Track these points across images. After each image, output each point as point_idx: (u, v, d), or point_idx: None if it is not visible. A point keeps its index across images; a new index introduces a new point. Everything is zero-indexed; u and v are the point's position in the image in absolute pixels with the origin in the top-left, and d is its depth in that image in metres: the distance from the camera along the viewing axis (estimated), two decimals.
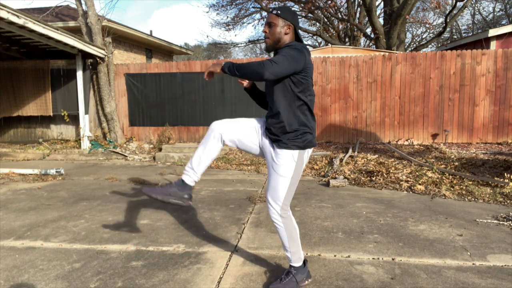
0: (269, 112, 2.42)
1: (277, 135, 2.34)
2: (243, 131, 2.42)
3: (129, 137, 9.65)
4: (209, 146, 2.38)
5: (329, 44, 17.70)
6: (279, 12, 2.33)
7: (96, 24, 9.16)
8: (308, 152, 2.43)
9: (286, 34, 2.33)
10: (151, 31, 17.79)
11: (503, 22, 25.43)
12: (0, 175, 6.42)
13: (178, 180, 2.42)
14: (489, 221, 3.78)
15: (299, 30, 2.44)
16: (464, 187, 4.94)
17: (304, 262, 2.54)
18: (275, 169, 2.37)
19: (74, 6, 10.52)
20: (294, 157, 2.34)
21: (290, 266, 2.51)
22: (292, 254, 2.46)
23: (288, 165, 2.34)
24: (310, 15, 18.52)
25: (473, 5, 25.69)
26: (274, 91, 2.32)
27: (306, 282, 2.53)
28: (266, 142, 2.41)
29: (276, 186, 2.36)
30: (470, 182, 5.11)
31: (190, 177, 2.40)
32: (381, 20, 15.16)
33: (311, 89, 2.36)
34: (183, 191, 2.38)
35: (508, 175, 4.95)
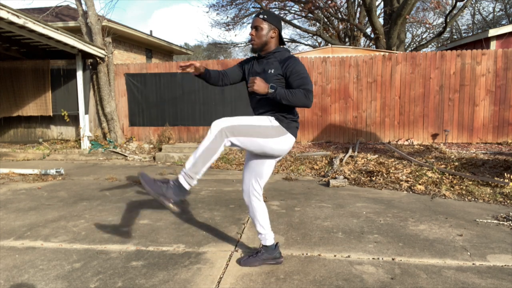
0: (257, 108, 2.60)
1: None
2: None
3: (129, 137, 9.65)
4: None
5: (329, 44, 17.69)
6: (265, 16, 2.51)
7: (96, 24, 9.16)
8: (288, 138, 2.52)
9: (272, 38, 2.53)
10: (151, 31, 17.79)
11: (503, 22, 25.43)
12: (0, 175, 6.42)
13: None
14: (489, 221, 3.78)
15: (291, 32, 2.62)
16: (464, 187, 4.94)
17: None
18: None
19: (74, 6, 10.52)
20: (270, 120, 2.47)
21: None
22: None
23: (263, 119, 2.47)
24: (310, 15, 18.52)
25: (473, 5, 25.69)
26: (267, 98, 2.45)
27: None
28: None
29: (252, 140, 2.44)
30: (470, 182, 5.11)
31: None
32: (381, 20, 15.16)
33: None
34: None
35: (508, 175, 4.95)
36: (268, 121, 2.47)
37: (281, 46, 2.61)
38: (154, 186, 2.32)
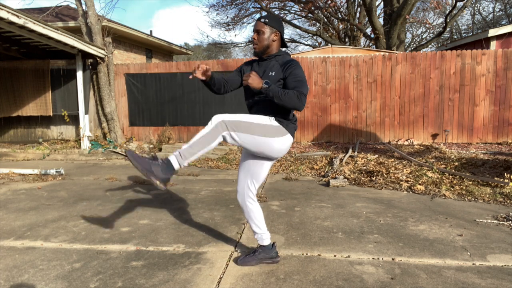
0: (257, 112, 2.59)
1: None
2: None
3: (129, 137, 9.65)
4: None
5: (329, 44, 17.69)
6: (266, 20, 2.56)
7: (96, 24, 9.16)
8: (287, 139, 2.53)
9: (273, 41, 2.58)
10: (151, 31, 17.81)
11: (503, 22, 25.43)
12: (0, 175, 6.42)
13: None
14: (489, 221, 3.78)
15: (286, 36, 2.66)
16: (464, 187, 4.94)
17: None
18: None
19: (74, 6, 10.53)
20: (270, 120, 2.49)
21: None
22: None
23: (263, 118, 2.48)
24: (310, 15, 18.52)
25: (473, 5, 25.69)
26: (265, 100, 2.50)
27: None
28: None
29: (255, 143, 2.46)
30: (470, 182, 5.11)
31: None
32: (381, 20, 15.16)
33: None
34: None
35: (508, 175, 4.95)
36: (268, 120, 2.49)
37: (282, 49, 2.65)
38: (141, 162, 2.30)
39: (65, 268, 2.84)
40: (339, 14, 18.85)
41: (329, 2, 16.27)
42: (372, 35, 15.22)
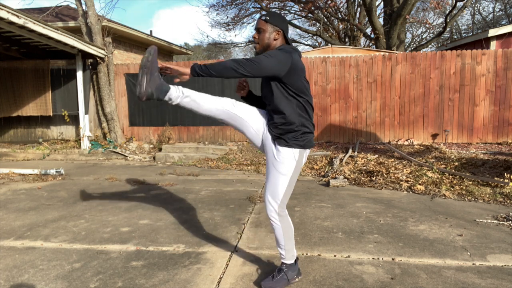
0: (270, 112, 2.41)
1: (280, 133, 2.36)
2: (253, 113, 2.44)
3: (129, 137, 9.65)
4: (217, 101, 2.45)
5: (329, 44, 17.70)
6: (267, 18, 2.37)
7: (96, 24, 9.16)
8: (307, 152, 2.46)
9: (275, 39, 2.38)
10: (151, 31, 17.80)
11: (503, 22, 25.43)
12: (0, 175, 6.42)
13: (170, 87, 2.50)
14: (489, 221, 3.78)
15: (292, 35, 2.53)
16: (464, 187, 4.94)
17: (295, 259, 2.56)
18: (275, 167, 2.38)
19: (74, 6, 10.53)
20: (295, 156, 2.37)
21: (282, 263, 2.52)
22: (286, 252, 2.48)
23: (289, 163, 2.37)
24: (310, 15, 18.52)
25: (473, 5, 25.68)
26: (274, 93, 2.33)
27: (297, 279, 2.56)
28: (269, 137, 2.42)
29: (276, 184, 2.38)
30: (470, 182, 5.11)
31: (175, 95, 2.52)
32: (381, 20, 15.16)
33: (307, 90, 2.39)
34: (157, 91, 2.42)
35: (508, 175, 4.95)
36: (294, 161, 2.37)
37: (285, 44, 2.41)
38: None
39: (65, 268, 2.84)
40: (339, 14, 18.85)
41: (329, 2, 16.27)
42: (372, 35, 15.22)
